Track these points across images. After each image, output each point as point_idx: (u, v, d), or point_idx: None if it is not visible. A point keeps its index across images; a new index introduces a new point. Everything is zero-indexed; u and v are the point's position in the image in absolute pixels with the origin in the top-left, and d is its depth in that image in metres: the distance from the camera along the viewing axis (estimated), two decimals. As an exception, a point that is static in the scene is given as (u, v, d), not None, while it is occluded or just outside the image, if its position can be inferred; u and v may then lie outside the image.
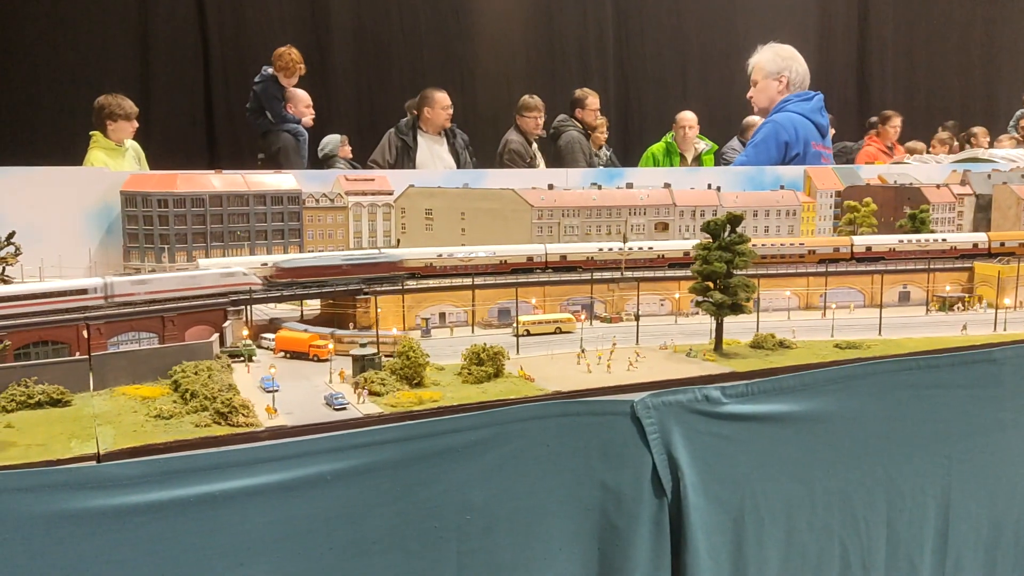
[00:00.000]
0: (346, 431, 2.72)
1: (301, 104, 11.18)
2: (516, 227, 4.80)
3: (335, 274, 4.08)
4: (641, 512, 3.10)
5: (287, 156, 10.52)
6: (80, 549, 2.33)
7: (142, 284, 3.72)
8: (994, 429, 3.66)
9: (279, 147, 10.62)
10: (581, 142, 11.67)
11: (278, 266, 4.09)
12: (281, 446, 2.60)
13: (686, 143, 11.22)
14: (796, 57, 7.56)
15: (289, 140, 10.81)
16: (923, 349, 3.59)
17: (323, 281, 4.02)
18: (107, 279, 3.70)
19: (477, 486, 2.84)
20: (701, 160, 11.22)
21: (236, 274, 3.93)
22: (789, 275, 4.43)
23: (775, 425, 3.31)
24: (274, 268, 4.08)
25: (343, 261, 4.17)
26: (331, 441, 2.67)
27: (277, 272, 4.07)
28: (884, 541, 3.54)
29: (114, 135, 9.03)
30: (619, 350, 3.62)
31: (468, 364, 3.18)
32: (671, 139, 11.17)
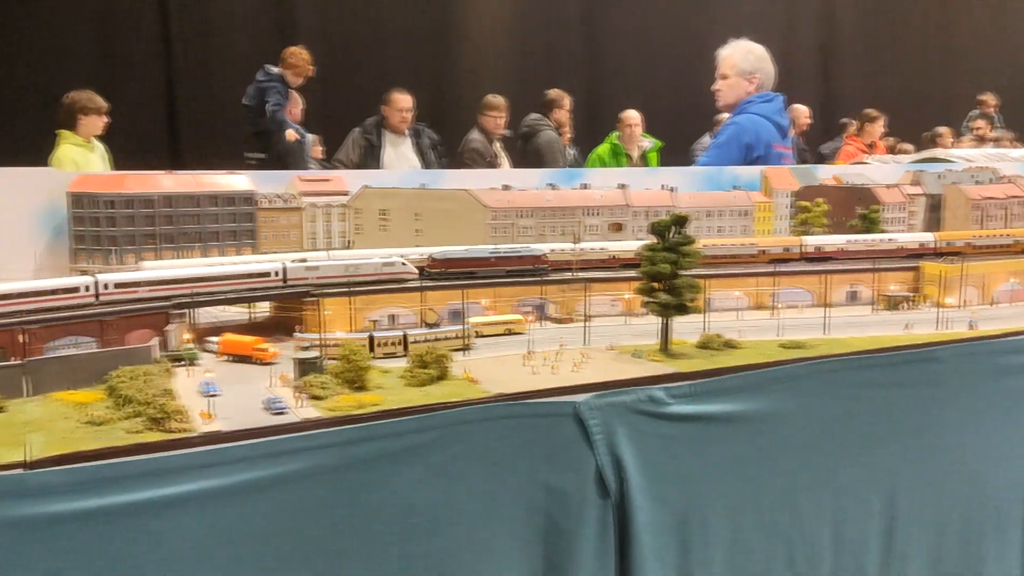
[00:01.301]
0: (284, 436, 2.69)
1: (297, 107, 11.14)
2: (471, 228, 4.79)
3: (483, 265, 4.38)
4: (586, 513, 3.11)
5: (294, 158, 10.44)
6: (5, 559, 2.29)
7: (314, 270, 4.07)
8: (937, 427, 3.71)
9: (286, 148, 10.53)
10: (559, 142, 11.76)
11: (432, 256, 4.36)
12: (216, 452, 2.57)
13: (631, 142, 11.27)
14: (767, 58, 7.62)
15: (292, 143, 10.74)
16: (867, 348, 3.63)
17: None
18: (285, 263, 4.09)
19: (419, 490, 2.83)
20: (646, 158, 11.29)
21: (395, 263, 4.22)
22: (738, 275, 4.47)
23: (720, 425, 3.32)
24: (429, 258, 4.35)
25: (490, 254, 4.45)
26: (268, 446, 2.64)
27: (432, 262, 4.33)
28: (830, 540, 3.57)
29: (84, 131, 8.91)
30: (567, 351, 3.62)
31: (412, 367, 3.17)
32: (616, 139, 11.22)
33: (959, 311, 4.28)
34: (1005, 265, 4.60)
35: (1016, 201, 5.50)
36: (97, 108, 8.93)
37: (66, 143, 8.75)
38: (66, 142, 8.76)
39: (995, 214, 5.43)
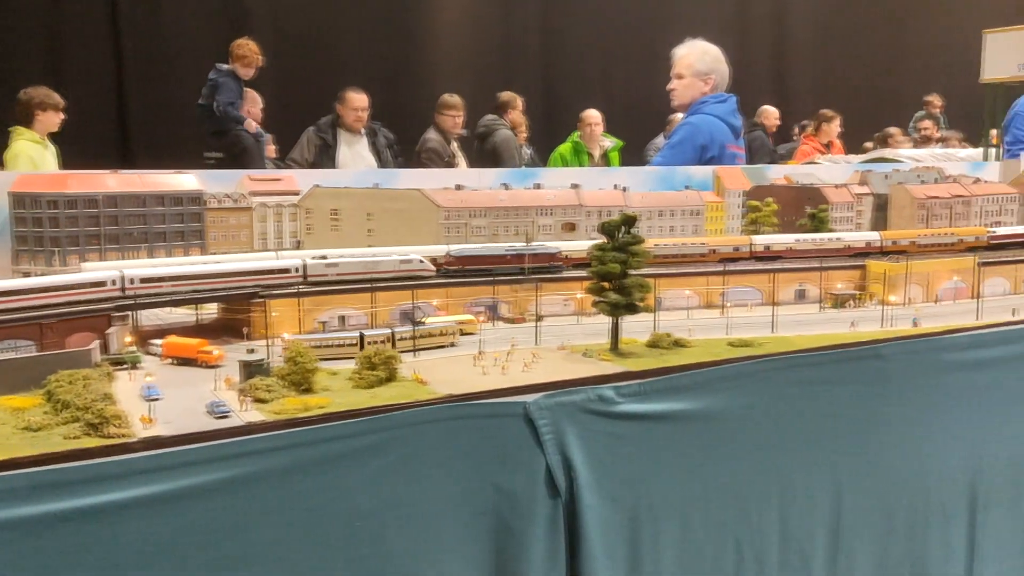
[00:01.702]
0: (227, 440, 2.65)
1: (256, 106, 11.03)
2: (424, 228, 4.77)
3: (499, 263, 4.44)
4: (536, 513, 3.11)
5: (251, 157, 10.32)
6: (-63, 570, 2.23)
7: (333, 267, 4.12)
8: (881, 423, 3.77)
9: (242, 148, 10.41)
10: (515, 141, 11.83)
11: (450, 254, 4.43)
12: (156, 457, 2.52)
13: (592, 141, 11.36)
14: (722, 59, 7.70)
15: (250, 141, 10.62)
16: (813, 346, 3.67)
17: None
18: (305, 260, 4.12)
19: (366, 493, 2.81)
20: (608, 157, 11.39)
21: (412, 260, 4.25)
22: (688, 274, 4.50)
23: (669, 423, 3.35)
24: (446, 256, 4.42)
25: (506, 251, 4.52)
26: (211, 451, 2.60)
27: (448, 260, 4.39)
28: (777, 536, 3.62)
29: (41, 127, 8.79)
30: (517, 351, 3.62)
31: (360, 368, 3.14)
32: (577, 138, 11.30)
33: (903, 309, 4.35)
34: (948, 263, 4.70)
35: (960, 200, 5.62)
36: (55, 104, 8.84)
37: (22, 139, 8.60)
38: (22, 138, 8.61)
39: (940, 213, 5.55)
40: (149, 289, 3.78)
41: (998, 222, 5.72)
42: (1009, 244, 5.14)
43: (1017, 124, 8.62)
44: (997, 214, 5.83)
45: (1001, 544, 4.27)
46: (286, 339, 3.58)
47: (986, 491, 4.13)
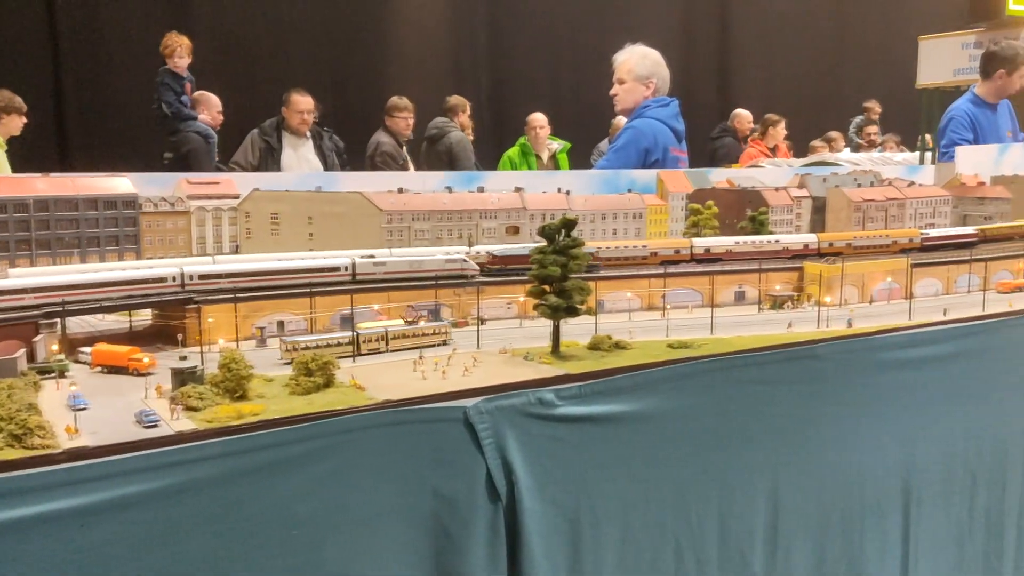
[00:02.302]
0: (155, 450, 2.59)
1: (214, 109, 10.97)
2: (366, 231, 4.72)
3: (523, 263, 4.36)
4: (476, 518, 3.10)
5: (197, 159, 10.18)
6: None
7: (381, 266, 4.23)
8: (817, 422, 3.84)
9: (189, 148, 10.29)
10: (469, 142, 11.88)
11: (491, 253, 4.56)
12: (81, 468, 2.45)
13: (539, 144, 11.42)
14: (662, 63, 7.78)
15: (199, 141, 10.50)
16: (751, 347, 3.72)
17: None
18: (354, 259, 4.19)
19: (303, 500, 2.77)
20: (556, 159, 11.46)
21: (457, 260, 4.38)
22: (629, 277, 4.53)
23: (609, 425, 3.36)
24: (488, 255, 4.55)
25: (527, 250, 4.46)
26: (140, 461, 2.54)
27: (492, 259, 4.52)
28: (716, 535, 3.65)
29: (4, 130, 8.65)
30: (458, 355, 3.60)
31: (296, 375, 3.09)
32: (525, 141, 11.35)
33: (839, 309, 4.44)
34: (882, 265, 4.80)
35: (894, 203, 5.75)
36: (18, 108, 8.71)
37: None
38: None
39: (875, 216, 5.67)
40: (208, 285, 3.88)
41: (931, 224, 5.87)
42: (941, 246, 5.28)
43: (953, 128, 8.86)
44: (931, 216, 5.97)
45: (935, 539, 4.37)
46: (286, 342, 3.60)
47: (919, 487, 4.23)
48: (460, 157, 11.52)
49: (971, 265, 4.98)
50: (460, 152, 11.60)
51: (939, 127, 9.46)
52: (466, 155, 11.63)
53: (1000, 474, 4.55)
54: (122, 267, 4.09)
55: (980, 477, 4.46)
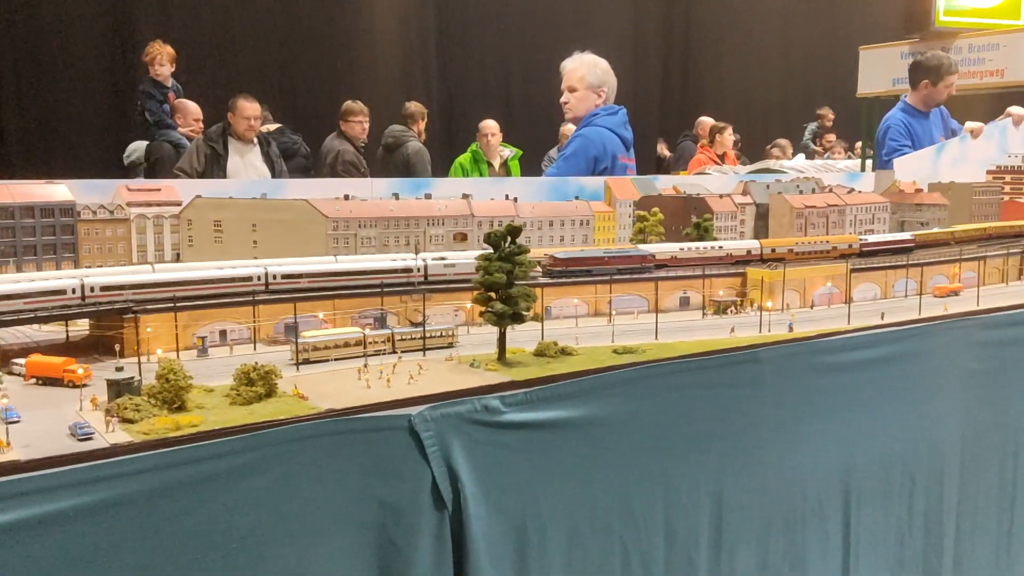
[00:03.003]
0: (92, 463, 2.53)
1: (191, 116, 10.88)
2: (311, 239, 4.68)
3: (598, 264, 4.72)
4: (421, 527, 3.08)
5: (163, 167, 10.01)
6: None
7: (451, 267, 4.40)
8: (760, 425, 3.90)
9: (157, 157, 10.16)
10: (426, 152, 11.91)
11: (554, 256, 4.70)
12: (12, 483, 2.38)
13: (490, 151, 11.44)
14: (611, 71, 7.86)
15: (168, 150, 10.37)
16: (694, 352, 3.76)
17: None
18: (426, 260, 4.38)
19: (243, 513, 2.73)
20: (508, 166, 11.49)
21: None
22: (576, 283, 4.56)
23: (555, 431, 3.37)
24: (550, 258, 4.68)
25: (604, 254, 4.82)
26: (74, 475, 2.48)
27: (554, 261, 4.66)
28: (662, 538, 3.69)
29: None
30: (404, 363, 3.58)
31: (237, 384, 3.05)
32: (476, 148, 11.36)
33: (780, 314, 4.51)
34: (823, 270, 4.90)
35: (835, 209, 5.88)
36: None
37: None
38: None
39: (816, 222, 5.79)
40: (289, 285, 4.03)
41: (870, 230, 6.01)
42: (879, 251, 5.40)
43: (892, 137, 9.10)
44: (870, 222, 6.12)
45: (875, 538, 4.46)
46: (305, 339, 3.64)
47: (859, 488, 4.31)
48: (417, 168, 11.52)
49: (908, 270, 5.11)
50: (417, 163, 11.60)
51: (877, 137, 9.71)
52: (423, 166, 11.63)
53: (938, 474, 4.66)
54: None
55: (918, 477, 4.57)
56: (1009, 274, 5.62)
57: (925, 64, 9.13)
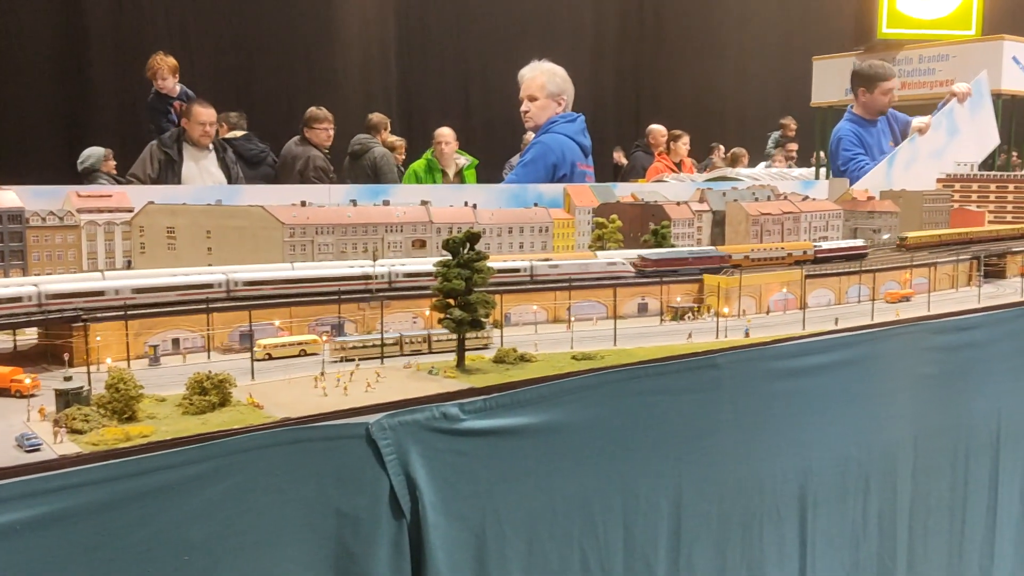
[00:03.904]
0: (40, 475, 2.46)
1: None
2: (266, 245, 4.63)
3: (682, 264, 5.03)
4: (379, 536, 3.05)
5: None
6: None
7: (555, 268, 4.70)
8: (717, 430, 3.92)
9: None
10: (392, 157, 11.95)
11: (643, 256, 5.01)
12: (-47, 497, 2.31)
13: (445, 159, 11.44)
14: (569, 79, 7.90)
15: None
16: (652, 357, 3.78)
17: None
18: (532, 262, 4.69)
19: (196, 524, 2.67)
20: (463, 175, 11.48)
21: (618, 263, 4.86)
22: (534, 290, 4.56)
23: (514, 438, 3.36)
24: (641, 259, 4.98)
25: (687, 254, 5.14)
26: (20, 487, 2.41)
27: (644, 262, 4.96)
28: (621, 543, 3.69)
29: None
30: (361, 371, 3.55)
31: (190, 394, 2.99)
32: (431, 156, 11.35)
33: (737, 320, 4.56)
34: (778, 276, 4.96)
35: (790, 216, 5.96)
36: None
37: None
38: None
39: (772, 229, 5.86)
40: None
41: (824, 237, 6.11)
42: (833, 258, 5.49)
43: (844, 147, 9.31)
44: (824, 229, 6.22)
45: (831, 541, 4.52)
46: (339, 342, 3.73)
47: (815, 491, 4.36)
48: (384, 171, 11.53)
49: (861, 276, 5.19)
50: (384, 166, 11.63)
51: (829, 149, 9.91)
52: (389, 169, 11.66)
53: (891, 477, 4.74)
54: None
55: (872, 480, 4.64)
56: (959, 280, 5.74)
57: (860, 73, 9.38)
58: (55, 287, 3.68)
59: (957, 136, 9.08)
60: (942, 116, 9.06)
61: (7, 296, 3.52)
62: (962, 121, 9.06)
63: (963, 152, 9.07)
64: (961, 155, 9.04)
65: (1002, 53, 9.21)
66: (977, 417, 5.06)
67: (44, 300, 3.57)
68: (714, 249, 5.30)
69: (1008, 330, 5.09)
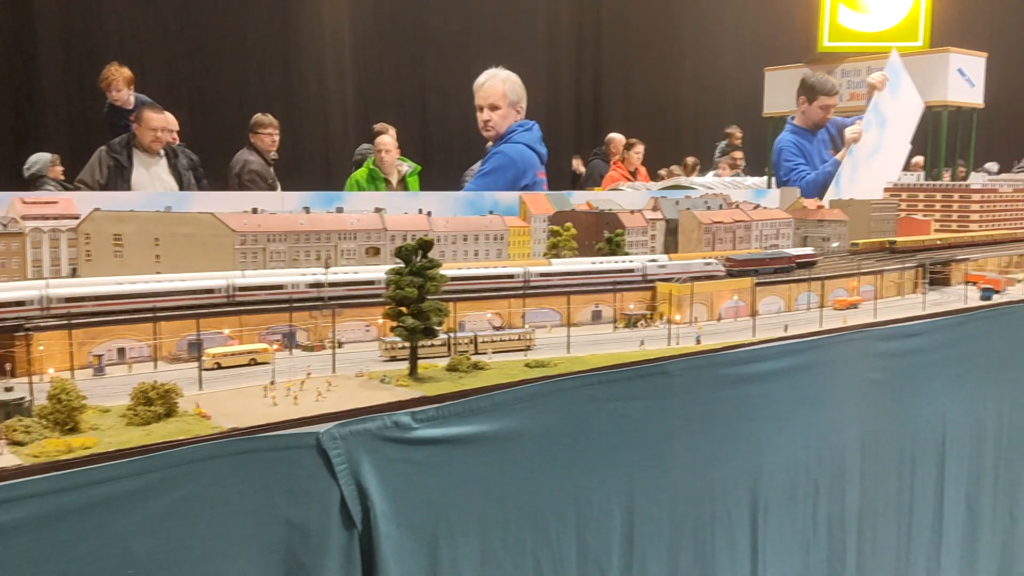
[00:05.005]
0: (-24, 488, 2.40)
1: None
2: (217, 253, 4.56)
3: (760, 264, 5.43)
4: (329, 547, 3.02)
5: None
6: None
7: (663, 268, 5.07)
8: (669, 436, 3.96)
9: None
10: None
11: (728, 258, 5.36)
12: None
13: (387, 166, 11.41)
14: (524, 87, 7.91)
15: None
16: (605, 365, 3.80)
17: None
18: (644, 262, 5.00)
19: (140, 537, 2.62)
20: (406, 182, 11.46)
21: (713, 264, 5.24)
22: (488, 297, 4.55)
23: (467, 446, 3.36)
24: (726, 259, 5.33)
25: (765, 255, 5.57)
26: (-43, 501, 2.35)
27: (731, 263, 5.32)
28: (574, 551, 3.70)
29: None
30: (313, 380, 3.51)
31: (135, 404, 2.93)
32: (373, 164, 11.30)
33: (688, 327, 4.60)
34: (729, 284, 5.02)
35: (741, 225, 6.04)
36: None
37: None
38: None
39: (723, 237, 5.94)
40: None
41: (775, 245, 6.20)
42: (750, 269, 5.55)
43: (786, 157, 9.50)
44: (774, 237, 6.31)
45: (782, 545, 4.58)
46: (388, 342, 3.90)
47: (766, 496, 4.42)
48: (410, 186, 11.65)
49: (810, 284, 5.28)
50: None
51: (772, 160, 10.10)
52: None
53: (840, 481, 4.82)
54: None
55: (822, 484, 4.71)
56: (905, 287, 5.87)
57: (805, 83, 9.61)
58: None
59: (888, 123, 9.29)
60: (870, 115, 9.26)
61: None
62: (888, 106, 9.27)
63: (898, 134, 9.34)
64: (897, 138, 9.32)
65: (948, 65, 9.44)
66: (923, 422, 5.17)
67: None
68: (786, 250, 5.76)
69: (952, 336, 5.22)
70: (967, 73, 9.65)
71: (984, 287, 5.75)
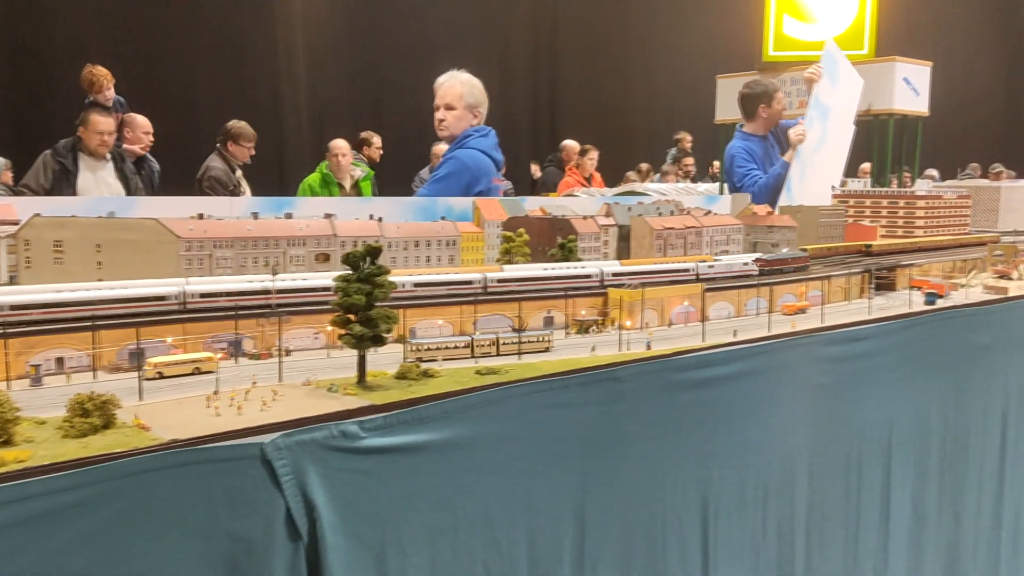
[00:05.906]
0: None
1: (139, 130, 10.39)
2: (161, 260, 4.46)
3: (786, 264, 5.75)
4: (274, 560, 2.96)
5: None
6: None
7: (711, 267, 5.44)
8: (620, 442, 3.96)
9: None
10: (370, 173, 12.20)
11: (760, 258, 5.68)
12: None
13: (341, 171, 11.37)
14: (485, 93, 7.90)
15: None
16: (556, 371, 3.79)
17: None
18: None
19: (76, 554, 2.55)
20: (359, 187, 11.43)
21: (749, 263, 5.60)
22: (439, 304, 4.52)
23: (416, 455, 3.32)
24: (759, 259, 5.66)
25: (787, 255, 5.87)
26: None
27: (763, 263, 5.64)
28: (525, 559, 3.68)
29: None
30: (258, 389, 3.45)
31: (71, 416, 2.85)
32: (326, 169, 11.24)
33: (639, 333, 4.62)
34: (680, 289, 5.05)
35: (692, 231, 6.09)
36: None
37: None
38: None
39: (675, 243, 5.98)
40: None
41: (725, 251, 6.26)
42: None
43: (738, 164, 9.63)
44: (725, 243, 6.37)
45: (732, 550, 4.61)
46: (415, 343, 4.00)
47: (716, 501, 4.45)
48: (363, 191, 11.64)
49: (759, 289, 5.34)
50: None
51: (724, 167, 10.23)
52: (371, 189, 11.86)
53: (789, 484, 4.87)
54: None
55: (771, 488, 4.76)
56: (851, 292, 5.96)
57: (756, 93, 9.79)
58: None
59: (831, 112, 9.46)
60: (812, 111, 9.42)
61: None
62: (829, 97, 9.43)
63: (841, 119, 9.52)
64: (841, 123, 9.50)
65: (894, 74, 9.63)
66: (869, 425, 5.25)
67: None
68: (794, 252, 6.05)
69: (897, 340, 5.31)
70: (912, 82, 9.85)
71: (928, 292, 5.86)
